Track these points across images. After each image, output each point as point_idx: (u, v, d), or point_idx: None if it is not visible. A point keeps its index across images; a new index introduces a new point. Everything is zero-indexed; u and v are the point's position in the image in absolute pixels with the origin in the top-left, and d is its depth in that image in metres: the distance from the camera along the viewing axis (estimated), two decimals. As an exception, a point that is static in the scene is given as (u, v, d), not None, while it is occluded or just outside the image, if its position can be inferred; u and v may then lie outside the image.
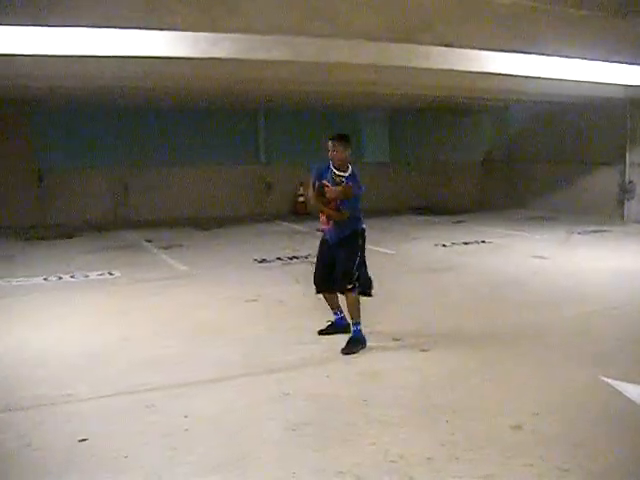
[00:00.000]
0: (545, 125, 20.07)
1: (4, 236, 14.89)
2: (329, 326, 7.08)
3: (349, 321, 6.73)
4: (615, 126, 17.67)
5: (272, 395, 5.43)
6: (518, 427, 4.71)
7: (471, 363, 6.21)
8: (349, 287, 6.58)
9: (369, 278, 6.87)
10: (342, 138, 6.69)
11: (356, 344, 6.52)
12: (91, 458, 4.33)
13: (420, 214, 19.42)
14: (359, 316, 6.58)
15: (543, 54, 10.02)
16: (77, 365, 6.25)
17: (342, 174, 6.64)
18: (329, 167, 6.70)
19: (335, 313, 7.03)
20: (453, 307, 8.42)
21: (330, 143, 6.63)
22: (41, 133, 17.78)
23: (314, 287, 6.96)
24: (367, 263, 6.84)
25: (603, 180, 18.34)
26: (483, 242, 13.64)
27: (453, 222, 17.37)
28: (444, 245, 13.34)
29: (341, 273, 6.61)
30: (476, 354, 6.49)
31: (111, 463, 4.26)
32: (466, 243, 13.55)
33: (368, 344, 6.58)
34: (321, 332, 7.04)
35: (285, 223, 17.09)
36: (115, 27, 7.72)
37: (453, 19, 8.99)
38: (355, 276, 6.59)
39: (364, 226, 6.76)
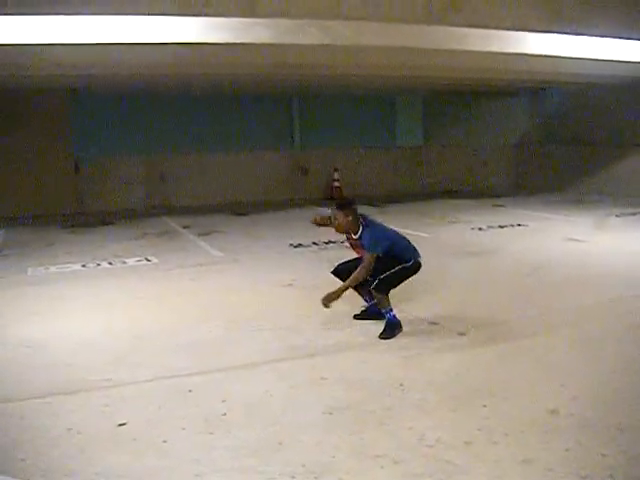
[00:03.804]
0: (582, 106, 19.84)
1: (42, 224, 15.08)
2: (363, 312, 7.09)
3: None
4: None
5: (310, 379, 5.45)
6: (556, 411, 4.68)
7: (508, 347, 6.19)
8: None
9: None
10: (339, 206, 6.68)
11: (392, 329, 6.51)
12: (131, 442, 4.39)
13: (455, 197, 19.31)
14: (388, 304, 6.53)
15: (580, 34, 9.89)
16: (117, 350, 6.32)
17: (356, 237, 6.62)
18: None
19: (365, 300, 7.03)
20: (490, 290, 8.38)
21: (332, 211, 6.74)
22: (78, 121, 17.92)
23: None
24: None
25: (642, 162, 18.11)
26: (519, 225, 13.53)
27: (489, 205, 17.24)
28: (480, 229, 13.25)
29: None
30: (513, 338, 6.45)
31: (150, 447, 4.32)
32: (502, 226, 13.44)
33: (405, 328, 6.57)
34: (356, 317, 7.06)
35: (320, 208, 17.08)
36: (147, 14, 7.77)
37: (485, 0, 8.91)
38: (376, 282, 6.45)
39: (417, 260, 6.66)
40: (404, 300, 7.09)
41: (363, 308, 7.10)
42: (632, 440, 4.23)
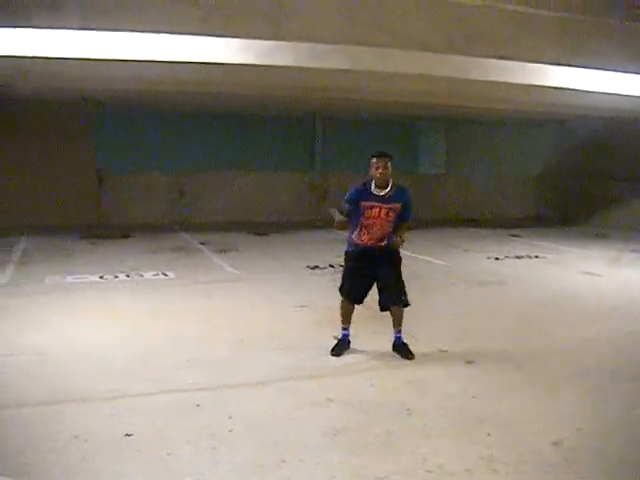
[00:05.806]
0: (602, 141, 19.84)
1: (64, 234, 15.24)
2: (341, 344, 6.84)
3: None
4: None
5: (315, 400, 5.48)
6: (559, 443, 4.68)
7: (516, 377, 6.19)
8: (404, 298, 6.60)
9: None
10: (384, 155, 6.56)
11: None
12: (136, 453, 4.44)
13: (474, 226, 19.32)
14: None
15: (601, 68, 9.96)
16: (128, 362, 6.39)
17: (387, 191, 6.55)
18: (366, 188, 6.55)
19: (347, 328, 6.85)
20: (501, 320, 8.38)
21: (378, 160, 6.47)
22: (102, 135, 18.16)
23: (349, 297, 6.78)
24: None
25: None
26: (536, 257, 13.53)
27: (506, 235, 17.25)
28: (496, 258, 13.26)
29: (397, 286, 6.60)
30: (522, 368, 6.45)
31: (154, 459, 4.37)
32: (518, 257, 13.45)
33: (415, 355, 6.59)
34: (333, 352, 6.74)
35: (338, 231, 17.09)
36: (176, 33, 7.91)
37: (508, 32, 9.00)
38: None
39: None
40: (415, 326, 7.12)
41: (337, 340, 6.88)
42: (633, 474, 4.24)
